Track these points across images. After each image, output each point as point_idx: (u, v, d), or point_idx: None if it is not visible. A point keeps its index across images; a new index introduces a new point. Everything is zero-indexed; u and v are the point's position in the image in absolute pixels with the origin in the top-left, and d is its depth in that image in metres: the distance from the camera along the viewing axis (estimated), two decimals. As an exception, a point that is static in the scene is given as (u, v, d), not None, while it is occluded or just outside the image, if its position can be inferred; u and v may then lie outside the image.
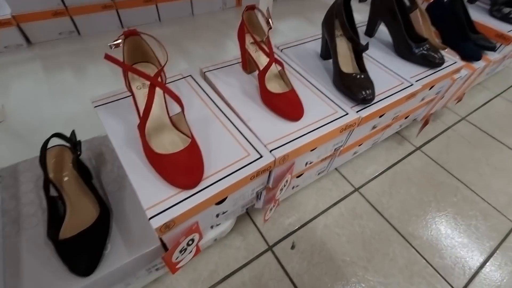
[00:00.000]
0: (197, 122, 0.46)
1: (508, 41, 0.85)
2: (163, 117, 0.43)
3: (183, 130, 0.42)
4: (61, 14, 0.94)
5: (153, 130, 0.42)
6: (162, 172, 0.38)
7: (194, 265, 0.60)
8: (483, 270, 0.66)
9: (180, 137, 0.42)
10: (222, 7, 1.26)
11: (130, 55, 0.44)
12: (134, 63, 0.46)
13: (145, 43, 0.44)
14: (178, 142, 0.42)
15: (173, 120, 0.43)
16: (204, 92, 0.53)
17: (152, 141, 0.40)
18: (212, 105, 0.50)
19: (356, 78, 0.52)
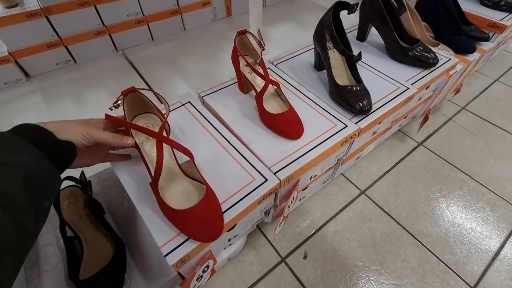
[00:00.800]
0: (200, 149, 0.47)
1: (501, 30, 0.85)
2: (172, 167, 0.42)
3: (195, 177, 0.42)
4: (56, 45, 0.95)
5: (165, 181, 0.41)
6: (181, 227, 0.37)
7: (210, 285, 0.61)
8: (495, 262, 0.66)
9: (193, 185, 0.41)
10: (212, 19, 1.27)
11: (131, 109, 0.44)
12: (135, 116, 0.46)
13: (144, 96, 0.43)
14: (193, 191, 0.41)
15: (183, 168, 0.42)
16: (204, 118, 0.54)
17: (166, 194, 0.39)
18: (213, 131, 0.51)
19: (352, 90, 0.53)
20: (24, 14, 0.85)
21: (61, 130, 0.33)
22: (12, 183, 0.24)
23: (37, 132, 0.31)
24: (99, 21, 0.99)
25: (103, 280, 0.41)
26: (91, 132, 0.36)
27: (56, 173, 0.30)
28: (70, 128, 0.34)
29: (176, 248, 0.36)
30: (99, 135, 0.36)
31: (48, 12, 0.88)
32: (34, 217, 0.26)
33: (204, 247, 0.39)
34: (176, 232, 0.38)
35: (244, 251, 0.66)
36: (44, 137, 0.31)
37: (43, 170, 0.28)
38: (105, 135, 0.37)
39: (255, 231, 0.70)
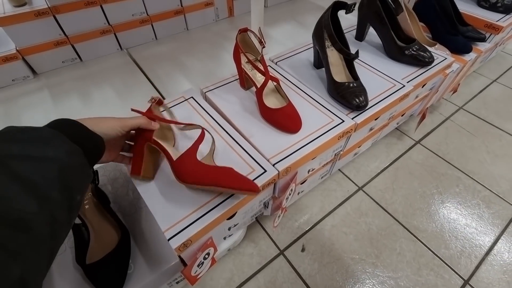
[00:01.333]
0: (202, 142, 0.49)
1: (497, 31, 0.86)
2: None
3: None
4: (63, 44, 0.98)
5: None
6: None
7: (211, 275, 0.63)
8: (488, 257, 0.68)
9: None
10: (215, 19, 1.29)
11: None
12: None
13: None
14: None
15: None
16: (206, 112, 0.56)
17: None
18: (215, 125, 0.53)
19: (349, 86, 0.55)
20: (33, 13, 0.87)
21: (98, 123, 0.35)
22: (48, 177, 0.25)
23: (74, 126, 0.32)
24: (104, 21, 1.02)
25: (108, 265, 0.43)
26: (124, 122, 0.39)
27: (89, 168, 0.31)
28: (106, 121, 0.37)
29: (179, 233, 0.38)
30: (132, 121, 0.40)
31: (56, 11, 0.90)
32: (67, 210, 0.26)
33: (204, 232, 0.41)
34: (179, 218, 0.40)
35: (243, 244, 0.68)
36: (81, 132, 0.32)
37: (78, 165, 0.29)
38: (137, 119, 0.41)
39: (254, 224, 0.71)
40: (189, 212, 0.40)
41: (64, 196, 0.26)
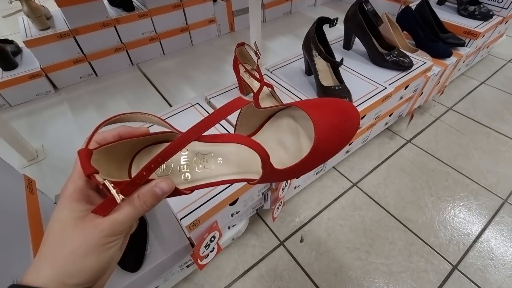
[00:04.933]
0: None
1: (476, 36, 0.94)
2: None
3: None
4: (81, 61, 1.08)
5: None
6: None
7: (217, 264, 0.70)
8: (476, 244, 0.73)
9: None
10: (217, 35, 1.40)
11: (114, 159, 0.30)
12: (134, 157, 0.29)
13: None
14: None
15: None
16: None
17: None
18: (218, 126, 0.61)
19: (335, 89, 0.62)
20: (56, 35, 0.99)
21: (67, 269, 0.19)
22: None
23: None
24: (118, 39, 1.13)
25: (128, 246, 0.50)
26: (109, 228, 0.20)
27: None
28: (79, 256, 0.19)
29: (189, 214, 0.45)
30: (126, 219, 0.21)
31: (76, 33, 1.02)
32: None
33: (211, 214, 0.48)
34: (188, 202, 0.47)
35: (246, 236, 0.74)
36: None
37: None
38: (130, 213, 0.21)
39: (256, 218, 0.78)
40: (197, 197, 0.47)
41: None
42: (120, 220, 0.21)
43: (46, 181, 0.78)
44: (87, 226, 0.20)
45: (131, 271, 0.49)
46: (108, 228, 0.20)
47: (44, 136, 0.92)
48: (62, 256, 0.19)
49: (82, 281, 0.19)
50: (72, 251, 0.19)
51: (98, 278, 0.21)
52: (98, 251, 0.20)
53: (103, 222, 0.20)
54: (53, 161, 0.84)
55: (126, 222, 0.21)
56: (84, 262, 0.19)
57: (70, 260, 0.19)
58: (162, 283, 0.56)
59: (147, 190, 0.22)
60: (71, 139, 0.90)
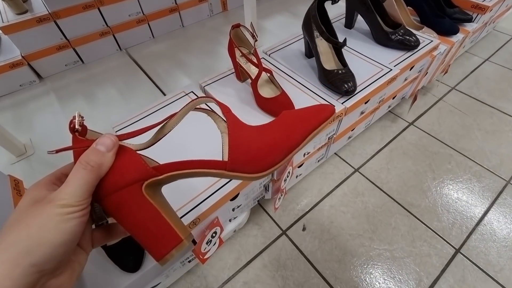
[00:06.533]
0: (203, 132, 0.54)
1: (484, 11, 0.89)
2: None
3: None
4: (65, 47, 1.01)
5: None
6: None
7: (219, 256, 0.69)
8: (479, 227, 0.72)
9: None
10: (209, 15, 1.32)
11: None
12: None
13: None
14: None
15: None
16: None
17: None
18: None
19: (338, 73, 0.58)
20: (35, 20, 0.91)
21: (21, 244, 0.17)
22: None
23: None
24: (103, 22, 1.05)
25: (127, 246, 0.48)
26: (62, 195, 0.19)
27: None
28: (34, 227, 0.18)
29: (189, 212, 0.43)
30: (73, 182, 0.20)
31: (56, 16, 0.94)
32: None
33: (211, 212, 0.46)
34: (187, 200, 0.44)
35: (248, 226, 0.73)
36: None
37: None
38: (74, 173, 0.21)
39: (257, 208, 0.76)
40: (196, 194, 0.45)
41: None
42: (71, 189, 0.20)
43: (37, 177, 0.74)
44: (41, 204, 0.19)
45: (131, 272, 0.47)
46: (60, 198, 0.19)
47: (31, 130, 0.87)
48: (15, 233, 0.17)
49: (39, 259, 0.17)
50: (25, 225, 0.18)
51: (57, 260, 0.18)
52: (55, 223, 0.18)
53: (55, 195, 0.19)
54: (43, 155, 0.80)
55: (78, 190, 0.20)
56: (39, 235, 0.17)
57: (24, 234, 0.17)
58: (164, 279, 0.55)
59: (89, 150, 0.22)
60: (60, 131, 0.86)
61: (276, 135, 0.26)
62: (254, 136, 0.26)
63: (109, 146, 0.22)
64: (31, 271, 0.17)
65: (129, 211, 0.23)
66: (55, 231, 0.18)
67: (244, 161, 0.26)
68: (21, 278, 0.16)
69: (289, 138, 0.26)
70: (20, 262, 0.16)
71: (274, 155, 0.25)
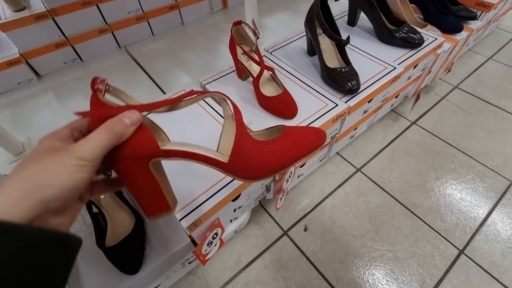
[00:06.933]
0: (204, 131, 0.53)
1: (488, 8, 0.87)
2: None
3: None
4: (63, 45, 1.00)
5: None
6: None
7: (220, 256, 0.68)
8: (483, 228, 0.71)
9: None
10: (209, 12, 1.30)
11: None
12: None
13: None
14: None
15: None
16: (206, 103, 0.59)
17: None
18: (216, 115, 0.56)
19: (341, 71, 0.57)
20: (33, 17, 0.90)
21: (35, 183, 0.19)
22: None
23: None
24: (102, 20, 1.04)
25: (126, 247, 0.47)
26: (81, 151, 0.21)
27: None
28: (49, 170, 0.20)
29: (189, 213, 0.42)
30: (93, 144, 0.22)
31: (55, 14, 0.93)
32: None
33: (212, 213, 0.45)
34: (187, 201, 0.43)
35: (249, 227, 0.72)
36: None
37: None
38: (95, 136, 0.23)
39: (258, 208, 0.75)
40: (197, 195, 0.44)
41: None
42: (91, 144, 0.22)
43: (35, 177, 0.73)
44: (58, 152, 0.21)
45: (130, 273, 0.46)
46: (78, 151, 0.21)
47: (29, 128, 0.86)
48: (31, 170, 0.19)
49: (48, 196, 0.19)
50: (42, 166, 0.20)
51: (63, 202, 0.20)
52: (69, 170, 0.20)
53: (74, 147, 0.21)
54: (41, 155, 0.79)
55: (96, 149, 0.22)
56: (53, 176, 0.20)
57: (40, 173, 0.19)
58: (164, 280, 0.54)
59: (116, 119, 0.24)
60: (58, 131, 0.85)
61: (270, 156, 0.30)
62: (254, 151, 0.30)
63: (133, 121, 0.25)
64: (39, 205, 0.19)
65: (134, 178, 0.27)
66: (68, 177, 0.20)
67: (240, 167, 0.30)
68: (29, 209, 0.18)
69: (281, 160, 0.30)
70: (31, 195, 0.18)
71: (264, 172, 0.30)
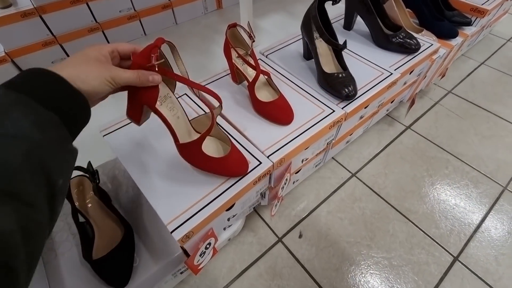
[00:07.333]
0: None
1: (483, 14, 0.88)
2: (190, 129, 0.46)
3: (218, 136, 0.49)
4: (51, 44, 0.97)
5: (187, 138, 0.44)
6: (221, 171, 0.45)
7: (213, 264, 0.66)
8: (477, 234, 0.71)
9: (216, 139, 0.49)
10: (203, 12, 1.28)
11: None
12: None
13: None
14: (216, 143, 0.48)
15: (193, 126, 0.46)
16: (200, 108, 0.57)
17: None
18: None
19: (338, 77, 0.56)
20: (19, 14, 0.86)
21: (80, 76, 0.26)
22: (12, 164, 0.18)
23: (48, 81, 0.23)
24: (92, 18, 1.01)
25: (114, 259, 0.45)
26: (115, 76, 0.30)
27: (70, 141, 0.24)
28: (92, 73, 0.27)
29: (181, 225, 0.40)
30: (124, 77, 0.31)
31: (42, 11, 0.89)
32: (47, 202, 0.20)
33: (205, 224, 0.43)
34: (180, 211, 0.41)
35: (243, 233, 0.71)
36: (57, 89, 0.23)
37: (54, 140, 0.22)
38: (129, 74, 0.31)
39: (253, 214, 0.74)
40: (190, 205, 0.42)
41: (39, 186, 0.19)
42: (124, 76, 0.31)
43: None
44: (103, 64, 0.30)
45: (119, 287, 0.44)
46: (115, 74, 0.30)
47: (14, 130, 0.83)
48: (83, 66, 0.27)
49: (84, 88, 0.26)
50: (89, 69, 0.28)
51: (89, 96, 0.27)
52: (103, 81, 0.29)
53: (115, 70, 0.30)
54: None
55: (124, 79, 0.31)
56: (93, 79, 0.28)
57: (88, 72, 0.27)
58: (154, 292, 0.52)
59: (147, 72, 0.34)
60: (45, 133, 0.82)
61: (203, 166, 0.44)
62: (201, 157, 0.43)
63: (155, 81, 0.34)
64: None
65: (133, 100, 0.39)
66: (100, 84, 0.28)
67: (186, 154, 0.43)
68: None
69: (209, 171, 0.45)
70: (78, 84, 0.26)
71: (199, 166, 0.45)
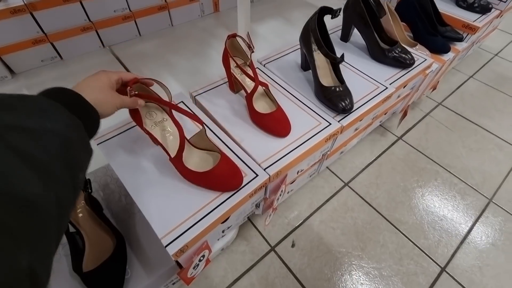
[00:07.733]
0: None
1: (474, 31, 0.91)
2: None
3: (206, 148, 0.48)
4: (41, 42, 0.94)
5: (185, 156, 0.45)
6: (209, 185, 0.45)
7: (205, 274, 0.65)
8: (463, 245, 0.74)
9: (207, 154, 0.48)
10: (200, 15, 1.27)
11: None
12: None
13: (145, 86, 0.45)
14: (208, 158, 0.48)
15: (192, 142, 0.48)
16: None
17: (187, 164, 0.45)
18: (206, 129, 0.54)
19: (335, 90, 0.57)
20: (8, 10, 0.83)
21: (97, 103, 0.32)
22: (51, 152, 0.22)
23: (72, 96, 0.30)
24: (85, 17, 0.98)
25: (105, 272, 0.44)
26: (121, 103, 0.37)
27: (89, 143, 0.29)
28: (107, 103, 0.34)
29: (176, 239, 0.39)
30: (126, 102, 0.38)
31: (33, 8, 0.86)
32: (72, 190, 0.24)
33: (200, 237, 0.42)
34: (174, 225, 0.41)
35: (236, 242, 0.70)
36: (79, 103, 0.30)
37: (79, 140, 0.26)
38: (128, 100, 0.39)
39: (246, 222, 0.74)
40: (185, 218, 0.42)
41: (68, 174, 0.23)
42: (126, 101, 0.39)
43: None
44: (113, 92, 0.37)
45: (109, 301, 0.43)
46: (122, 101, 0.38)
47: (0, 131, 0.79)
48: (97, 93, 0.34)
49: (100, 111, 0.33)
50: (104, 98, 0.34)
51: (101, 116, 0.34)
52: (113, 108, 0.36)
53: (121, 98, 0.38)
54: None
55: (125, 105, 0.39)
56: (107, 108, 0.35)
57: (103, 100, 0.34)
58: (145, 304, 0.51)
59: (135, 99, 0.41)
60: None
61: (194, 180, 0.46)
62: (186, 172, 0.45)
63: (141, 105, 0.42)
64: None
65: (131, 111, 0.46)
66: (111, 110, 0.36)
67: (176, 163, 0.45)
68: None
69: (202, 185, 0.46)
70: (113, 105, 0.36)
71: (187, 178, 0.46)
